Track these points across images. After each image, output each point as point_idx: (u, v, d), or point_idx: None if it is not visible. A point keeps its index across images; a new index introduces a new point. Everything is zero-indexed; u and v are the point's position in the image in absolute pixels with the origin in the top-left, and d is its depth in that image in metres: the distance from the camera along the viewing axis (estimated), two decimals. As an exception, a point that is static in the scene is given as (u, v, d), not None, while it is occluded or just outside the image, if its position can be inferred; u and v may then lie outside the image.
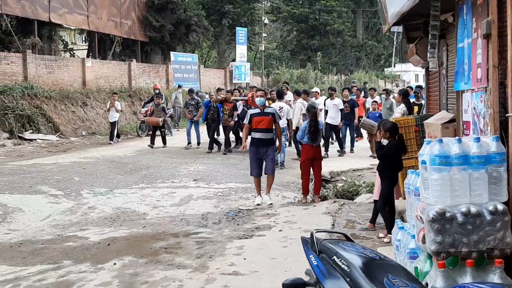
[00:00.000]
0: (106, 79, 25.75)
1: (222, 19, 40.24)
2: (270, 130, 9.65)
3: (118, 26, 29.72)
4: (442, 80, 8.17)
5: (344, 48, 53.54)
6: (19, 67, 21.55)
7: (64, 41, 33.59)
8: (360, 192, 11.29)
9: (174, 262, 6.46)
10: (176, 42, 34.05)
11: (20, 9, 23.31)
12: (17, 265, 6.41)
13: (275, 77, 42.63)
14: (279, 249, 6.88)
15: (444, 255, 3.79)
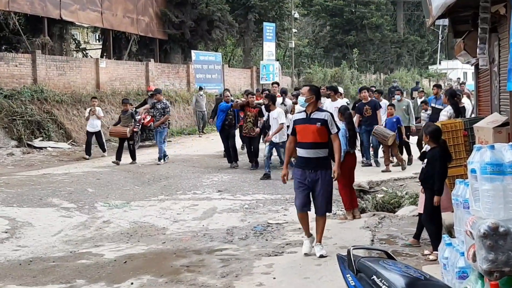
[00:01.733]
0: (121, 81, 26.01)
1: (248, 14, 40.31)
2: (319, 144, 7.35)
3: (134, 23, 30.01)
4: (493, 79, 8.09)
5: (383, 44, 53.31)
6: (28, 69, 21.89)
7: (76, 40, 34.11)
8: (403, 204, 11.18)
9: (197, 282, 6.47)
10: (197, 39, 34.24)
11: (29, 6, 23.70)
12: (26, 284, 6.48)
13: (307, 77, 42.52)
14: (313, 268, 6.86)
15: (497, 274, 3.74)
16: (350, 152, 9.64)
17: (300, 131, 7.40)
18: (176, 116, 27.58)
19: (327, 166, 7.35)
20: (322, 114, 7.42)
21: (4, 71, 20.89)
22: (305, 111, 7.49)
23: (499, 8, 6.18)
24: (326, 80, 40.97)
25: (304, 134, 7.34)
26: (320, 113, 7.43)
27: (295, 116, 7.80)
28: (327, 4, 51.18)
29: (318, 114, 7.39)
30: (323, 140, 7.27)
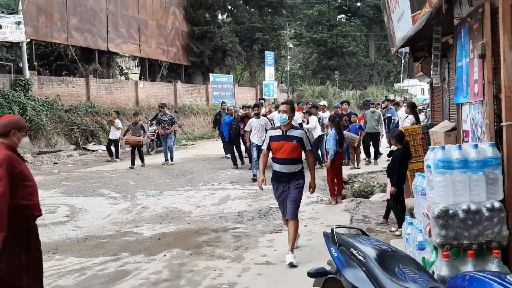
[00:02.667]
0: (155, 98, 26.06)
1: (253, 45, 40.40)
2: (294, 160, 6.26)
3: (165, 53, 30.10)
4: (444, 94, 8.08)
5: (358, 67, 53.22)
6: (83, 90, 21.96)
7: (120, 66, 34.17)
8: (375, 192, 11.18)
9: (215, 254, 6.48)
10: (214, 65, 34.32)
11: (83, 41, 23.81)
12: (83, 257, 6.51)
13: (299, 93, 42.57)
14: (305, 242, 6.86)
15: (448, 247, 3.75)
16: (338, 151, 9.59)
17: (276, 147, 6.26)
18: (198, 124, 27.66)
19: (299, 177, 6.28)
20: (297, 132, 6.30)
21: (64, 91, 20.96)
22: (280, 128, 6.32)
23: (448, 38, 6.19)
24: (314, 96, 40.94)
25: (280, 150, 6.22)
26: (296, 131, 6.31)
27: (271, 133, 6.46)
28: (314, 37, 51.13)
29: (294, 132, 6.29)
30: (298, 156, 6.28)
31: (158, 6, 29.55)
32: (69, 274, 5.85)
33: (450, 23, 4.87)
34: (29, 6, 19.96)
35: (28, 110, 18.03)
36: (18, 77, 19.13)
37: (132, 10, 27.18)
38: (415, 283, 2.76)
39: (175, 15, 31.33)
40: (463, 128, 4.87)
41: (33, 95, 19.13)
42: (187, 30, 32.34)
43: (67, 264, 6.21)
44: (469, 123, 4.58)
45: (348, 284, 3.09)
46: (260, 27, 40.58)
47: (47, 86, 20.65)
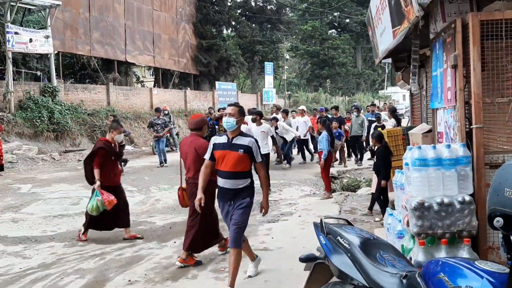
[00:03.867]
0: (168, 103, 26.02)
1: (254, 56, 40.39)
2: (239, 174, 4.66)
3: (176, 63, 30.11)
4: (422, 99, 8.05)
5: (347, 76, 53.13)
6: (104, 96, 21.98)
7: (137, 75, 34.14)
8: (361, 186, 11.19)
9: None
10: (219, 74, 34.33)
11: (104, 52, 23.84)
12: (103, 243, 6.53)
13: (295, 99, 42.63)
14: (299, 231, 6.86)
15: (423, 235, 3.75)
16: (330, 151, 9.52)
17: (220, 157, 4.65)
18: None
19: (245, 195, 4.72)
20: (246, 140, 4.64)
21: (87, 97, 20.99)
22: (226, 135, 4.71)
23: (425, 50, 6.17)
24: (308, 101, 40.92)
25: (223, 161, 4.61)
26: (243, 138, 4.65)
27: (215, 139, 4.80)
28: (308, 49, 51.05)
29: (241, 139, 4.64)
30: (245, 169, 4.66)
31: (170, 22, 29.58)
32: (90, 258, 5.86)
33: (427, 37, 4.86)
34: (56, 22, 19.97)
35: (56, 113, 18.08)
36: (46, 85, 19.17)
37: (147, 25, 27.19)
38: (394, 268, 2.75)
39: (185, 30, 31.34)
40: (438, 130, 4.87)
41: (60, 101, 19.16)
42: (196, 43, 32.36)
43: (89, 250, 6.22)
44: (443, 125, 4.57)
45: (335, 268, 3.08)
46: (260, 40, 40.55)
47: (72, 92, 20.68)
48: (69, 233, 7.09)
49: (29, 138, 17.28)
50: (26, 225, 7.59)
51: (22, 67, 20.24)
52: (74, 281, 5.09)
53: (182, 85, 32.43)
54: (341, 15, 50.38)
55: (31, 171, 13.66)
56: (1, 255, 6.02)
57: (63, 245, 6.48)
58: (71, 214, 8.31)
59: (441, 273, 2.26)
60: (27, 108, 17.66)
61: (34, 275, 5.28)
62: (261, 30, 42.20)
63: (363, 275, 2.84)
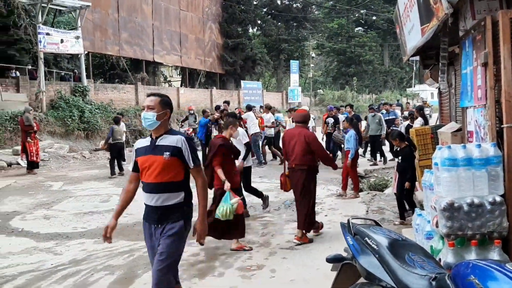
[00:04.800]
0: (194, 102, 26.26)
1: (280, 55, 40.36)
2: (169, 186, 3.56)
3: (202, 62, 30.35)
4: (451, 98, 7.89)
5: (374, 74, 52.53)
6: (132, 95, 22.35)
7: (164, 75, 34.58)
8: (389, 185, 11.01)
9: (245, 239, 6.46)
10: (245, 73, 34.45)
11: (132, 53, 24.24)
12: (132, 240, 6.60)
13: (321, 97, 42.39)
14: (325, 230, 6.80)
15: (453, 236, 3.67)
16: (357, 150, 9.34)
17: (142, 165, 3.57)
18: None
19: (179, 217, 3.54)
20: (173, 139, 3.51)
21: (117, 96, 21.38)
22: (150, 136, 3.64)
23: (454, 48, 6.04)
24: (334, 99, 40.64)
25: (147, 170, 3.54)
26: (171, 137, 3.53)
27: (138, 144, 3.72)
28: (334, 47, 50.68)
29: (167, 139, 3.52)
30: (175, 178, 3.52)
31: (197, 22, 29.82)
32: (120, 255, 5.95)
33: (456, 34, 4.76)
34: (86, 23, 20.39)
35: (86, 112, 18.48)
36: (77, 84, 19.61)
37: (174, 25, 27.49)
38: (423, 269, 2.72)
39: (211, 30, 31.55)
40: (467, 129, 4.76)
41: (90, 100, 19.57)
42: (222, 42, 32.52)
43: (118, 246, 6.31)
44: (473, 124, 4.47)
45: (363, 269, 3.06)
46: (286, 39, 40.47)
47: (102, 92, 21.10)
48: (99, 230, 7.22)
49: (60, 136, 17.70)
50: (58, 222, 7.77)
51: (53, 67, 20.77)
52: (103, 277, 5.19)
53: (208, 84, 32.66)
54: (368, 12, 49.78)
55: (62, 169, 13.99)
56: (33, 251, 6.19)
57: (93, 241, 6.61)
58: (101, 211, 8.47)
59: (472, 276, 2.21)
60: (58, 107, 18.12)
61: (65, 271, 5.40)
62: (287, 28, 42.11)
63: (391, 277, 2.80)
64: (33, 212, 8.47)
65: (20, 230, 7.28)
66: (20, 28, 18.12)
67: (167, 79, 35.03)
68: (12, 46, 18.68)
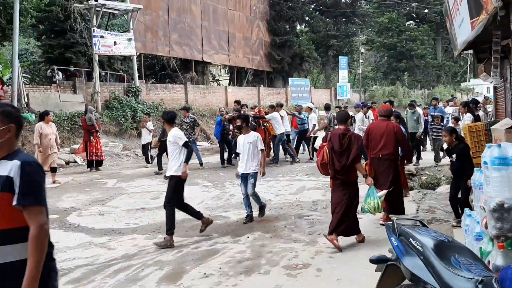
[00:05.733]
0: (242, 100, 26.28)
1: (328, 51, 39.91)
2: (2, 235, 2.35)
3: (250, 61, 30.54)
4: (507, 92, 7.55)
5: (426, 68, 50.78)
6: (182, 94, 22.85)
7: (212, 74, 35.05)
8: (440, 184, 10.67)
9: (292, 237, 6.53)
10: (292, 70, 34.31)
11: (182, 53, 24.77)
12: (180, 236, 6.77)
13: (371, 93, 41.56)
14: (373, 229, 6.72)
15: (503, 238, 3.52)
16: None
17: None
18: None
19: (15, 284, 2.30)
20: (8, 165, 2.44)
21: (167, 96, 21.96)
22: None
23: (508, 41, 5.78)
24: (385, 95, 39.72)
25: None
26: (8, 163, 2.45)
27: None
28: (385, 42, 49.38)
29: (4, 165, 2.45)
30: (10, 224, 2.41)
31: (244, 21, 30.04)
32: (169, 251, 6.14)
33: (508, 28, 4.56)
34: (138, 25, 21.03)
35: (138, 112, 19.11)
36: (130, 85, 20.30)
37: (222, 25, 27.83)
38: (470, 272, 2.64)
39: (259, 28, 31.67)
40: (523, 126, 4.55)
41: (142, 100, 20.21)
42: (269, 40, 32.57)
43: (167, 243, 6.51)
44: (529, 121, 4.27)
45: (407, 271, 3.01)
46: (334, 34, 39.95)
47: (153, 92, 21.73)
48: (150, 226, 7.48)
49: (114, 135, 18.41)
50: (111, 217, 8.11)
51: (107, 68, 21.58)
52: (153, 272, 5.38)
53: (255, 82, 32.81)
54: (419, 5, 48.15)
55: (116, 167, 14.54)
56: (88, 246, 6.50)
57: (144, 237, 6.85)
58: (152, 208, 8.75)
59: (520, 280, 2.14)
60: (112, 107, 18.86)
61: (117, 265, 5.64)
62: (335, 24, 41.57)
63: (436, 279, 2.75)
64: (88, 208, 8.88)
65: (76, 225, 7.66)
66: (76, 32, 18.97)
67: (216, 78, 35.50)
68: (69, 49, 19.56)
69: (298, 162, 13.90)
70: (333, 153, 6.07)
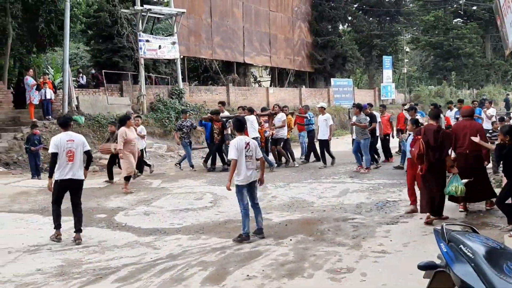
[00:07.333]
0: (283, 102, 26.24)
1: (372, 51, 39.25)
2: None
3: (291, 62, 30.49)
4: None
5: (475, 67, 49.04)
6: (224, 96, 23.07)
7: (254, 75, 35.22)
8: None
9: (335, 241, 6.44)
10: (335, 70, 33.99)
11: (224, 55, 25.04)
12: (223, 237, 6.82)
13: (416, 94, 40.55)
14: (420, 235, 6.55)
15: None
16: None
17: None
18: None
19: None
20: None
21: (209, 98, 22.24)
22: None
23: None
24: (431, 95, 38.70)
25: None
26: None
27: None
28: (430, 40, 48.06)
29: None
30: None
31: (286, 22, 30.03)
32: (212, 252, 6.20)
33: None
34: (182, 29, 21.42)
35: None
36: (174, 87, 20.72)
37: (264, 27, 27.93)
38: (524, 281, 2.52)
39: (300, 29, 31.58)
40: None
41: (186, 102, 20.58)
42: (311, 40, 32.41)
43: (211, 243, 6.58)
44: None
45: (457, 278, 2.91)
46: (378, 34, 39.24)
47: (196, 94, 22.08)
48: (194, 226, 7.58)
49: (159, 137, 18.82)
50: (156, 217, 8.28)
51: (152, 71, 22.10)
52: (197, 272, 5.44)
53: (297, 83, 32.73)
54: (467, 2, 46.64)
55: (161, 168, 14.84)
56: (134, 245, 6.66)
57: (188, 237, 6.95)
58: (195, 208, 8.87)
59: None
60: (157, 109, 19.31)
61: (162, 265, 5.75)
62: (379, 23, 40.86)
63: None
64: (134, 208, 9.10)
65: (123, 224, 7.86)
66: (123, 36, 19.53)
67: (257, 80, 35.65)
68: (116, 54, 20.16)
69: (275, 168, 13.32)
70: (427, 147, 6.96)
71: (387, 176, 11.53)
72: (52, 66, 27.18)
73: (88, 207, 8.83)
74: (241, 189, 6.66)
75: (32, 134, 13.12)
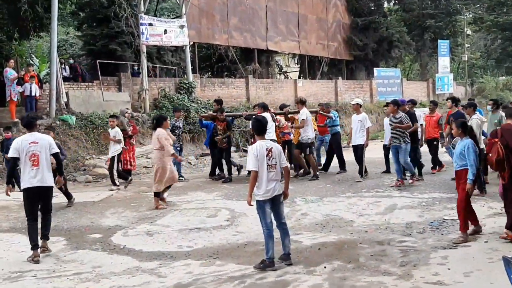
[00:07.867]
0: (315, 97, 26.38)
1: (424, 34, 38.91)
2: None
3: (325, 48, 30.40)
4: None
5: (553, 53, 48.17)
6: (242, 90, 23.16)
7: (279, 65, 35.23)
8: None
9: (380, 269, 6.36)
10: (379, 58, 33.81)
11: (243, 41, 25.11)
12: (243, 263, 6.79)
13: (480, 86, 39.99)
14: (485, 262, 6.40)
15: None
16: (479, 169, 8.06)
17: None
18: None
19: None
20: None
21: (225, 93, 22.31)
22: None
23: None
24: (498, 88, 38.07)
25: None
26: None
27: None
28: (497, 20, 47.39)
29: None
30: None
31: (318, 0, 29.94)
32: (229, 281, 6.18)
33: None
34: (191, 9, 21.57)
35: (192, 113, 19.48)
36: (182, 80, 20.83)
37: (291, 5, 27.92)
38: None
39: (336, 7, 31.48)
40: None
41: (196, 98, 20.66)
42: (349, 22, 32.27)
43: (227, 271, 6.57)
44: None
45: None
46: (432, 13, 38.90)
47: (209, 88, 22.16)
48: (206, 250, 7.60)
49: (164, 140, 18.92)
50: (161, 238, 8.33)
51: (157, 61, 22.29)
52: (211, 306, 5.45)
53: (332, 74, 32.62)
54: (545, -28, 45.82)
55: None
56: (136, 272, 6.70)
57: (199, 263, 6.96)
58: (208, 227, 8.89)
59: None
60: (162, 107, 19.40)
61: (170, 296, 5.78)
62: (433, 0, 40.45)
63: None
64: (135, 227, 9.18)
65: (122, 247, 7.93)
66: (121, 19, 19.76)
67: (283, 70, 35.66)
68: (114, 40, 20.41)
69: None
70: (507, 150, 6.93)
71: (443, 189, 11.36)
72: (37, 56, 27.64)
73: (80, 226, 8.95)
74: (262, 205, 6.56)
75: (5, 139, 13.33)
